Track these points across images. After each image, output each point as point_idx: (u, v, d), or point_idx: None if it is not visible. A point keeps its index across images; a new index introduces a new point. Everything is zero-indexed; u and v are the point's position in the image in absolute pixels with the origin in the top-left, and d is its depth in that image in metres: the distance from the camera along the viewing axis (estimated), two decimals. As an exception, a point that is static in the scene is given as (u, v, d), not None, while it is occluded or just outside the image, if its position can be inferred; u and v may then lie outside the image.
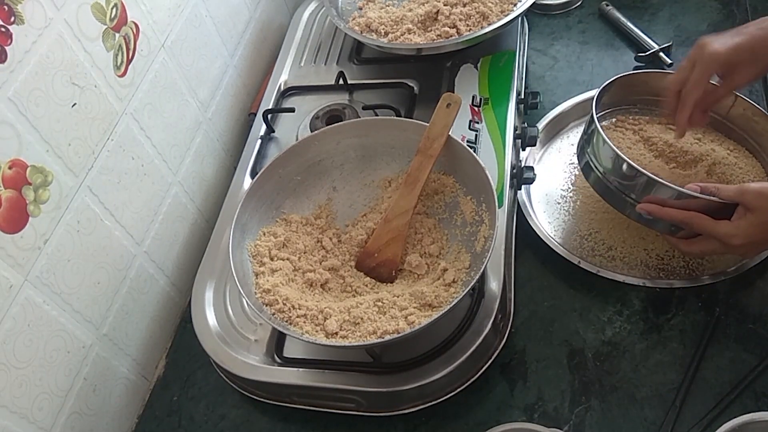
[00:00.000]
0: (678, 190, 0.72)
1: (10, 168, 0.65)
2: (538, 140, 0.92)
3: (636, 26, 1.07)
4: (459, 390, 0.74)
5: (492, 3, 0.97)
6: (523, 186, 0.90)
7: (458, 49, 0.96)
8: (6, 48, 0.64)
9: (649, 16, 1.10)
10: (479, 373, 0.75)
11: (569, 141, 0.97)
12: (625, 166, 0.75)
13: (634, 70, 1.00)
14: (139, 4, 0.82)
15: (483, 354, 0.75)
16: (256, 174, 0.84)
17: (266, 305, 0.72)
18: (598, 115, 0.81)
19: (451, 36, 0.94)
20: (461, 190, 0.80)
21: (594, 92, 0.84)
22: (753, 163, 0.86)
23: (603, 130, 0.78)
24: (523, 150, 0.95)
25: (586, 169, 0.83)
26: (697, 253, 0.76)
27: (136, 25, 0.82)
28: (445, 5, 0.97)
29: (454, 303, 0.66)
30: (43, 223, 0.69)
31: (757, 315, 0.76)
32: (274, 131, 1.00)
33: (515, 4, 0.96)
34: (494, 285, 0.76)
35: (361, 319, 0.70)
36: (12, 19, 0.64)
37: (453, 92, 0.94)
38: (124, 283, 0.82)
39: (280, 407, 0.78)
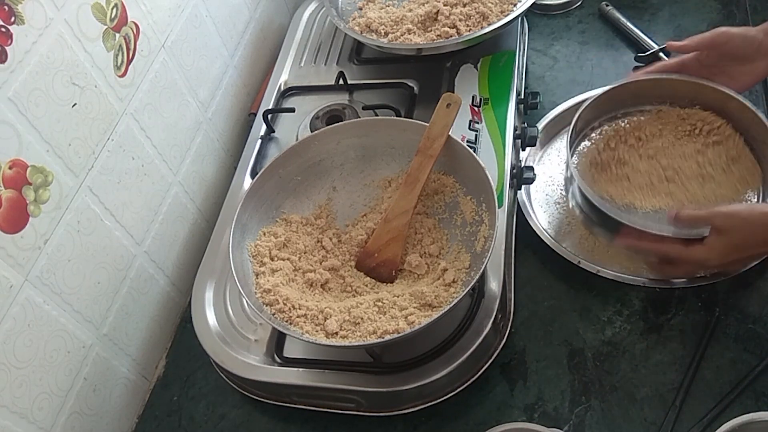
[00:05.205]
0: (643, 232, 0.76)
1: (10, 168, 0.65)
2: (538, 140, 0.92)
3: (636, 26, 1.07)
4: (459, 390, 0.74)
5: (492, 3, 0.97)
6: (523, 186, 0.90)
7: (458, 49, 0.96)
8: (6, 48, 0.64)
9: (649, 16, 1.10)
10: (479, 373, 0.75)
11: (569, 141, 0.97)
12: (595, 209, 0.82)
13: (633, 70, 1.00)
14: (139, 4, 0.82)
15: (483, 354, 0.75)
16: (256, 174, 0.84)
17: (266, 305, 0.72)
18: (583, 130, 0.91)
19: (451, 36, 0.94)
20: (461, 190, 0.80)
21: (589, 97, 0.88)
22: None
23: (581, 157, 0.88)
24: (523, 150, 0.95)
25: (571, 197, 0.90)
26: (681, 275, 0.79)
27: (137, 25, 0.82)
28: (445, 5, 0.97)
29: (454, 303, 0.66)
30: (43, 223, 0.69)
31: (757, 315, 0.76)
32: (274, 131, 1.00)
33: (515, 4, 0.96)
34: (494, 285, 0.76)
35: (361, 319, 0.70)
36: (12, 19, 0.64)
37: (453, 92, 0.94)
38: (124, 283, 0.82)
39: (280, 407, 0.78)
